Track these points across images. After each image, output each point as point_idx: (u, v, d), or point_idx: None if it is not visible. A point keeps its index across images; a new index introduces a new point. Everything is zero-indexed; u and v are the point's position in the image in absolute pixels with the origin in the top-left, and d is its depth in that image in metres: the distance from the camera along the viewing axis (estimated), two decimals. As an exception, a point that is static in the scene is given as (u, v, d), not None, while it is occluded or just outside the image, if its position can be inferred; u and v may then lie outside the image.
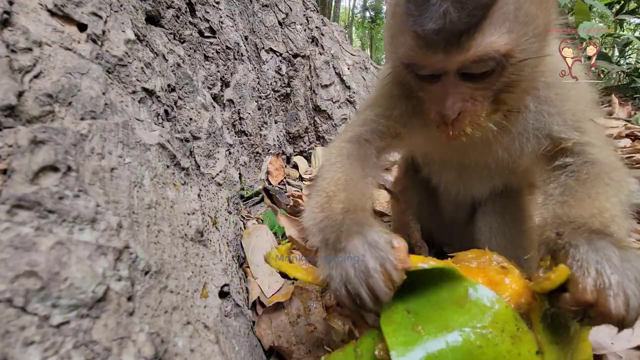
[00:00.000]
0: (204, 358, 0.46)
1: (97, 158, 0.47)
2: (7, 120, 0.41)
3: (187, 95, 0.99)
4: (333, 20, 9.31)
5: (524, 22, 0.48)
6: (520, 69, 0.51)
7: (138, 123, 0.62)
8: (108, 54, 0.63)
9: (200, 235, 0.64)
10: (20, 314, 0.32)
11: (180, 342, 0.44)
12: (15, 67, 0.44)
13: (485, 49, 0.47)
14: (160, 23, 1.03)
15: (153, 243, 0.49)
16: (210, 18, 1.35)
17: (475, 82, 0.51)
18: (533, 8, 0.48)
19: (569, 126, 0.57)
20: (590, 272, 0.38)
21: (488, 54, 0.48)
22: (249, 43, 1.63)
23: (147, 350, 0.39)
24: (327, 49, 2.04)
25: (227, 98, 1.36)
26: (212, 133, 1.03)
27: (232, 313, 0.61)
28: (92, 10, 0.62)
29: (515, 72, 0.51)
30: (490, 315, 0.40)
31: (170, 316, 0.45)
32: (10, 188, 0.36)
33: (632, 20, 5.18)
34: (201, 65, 1.25)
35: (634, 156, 1.54)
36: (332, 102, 1.89)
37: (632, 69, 3.69)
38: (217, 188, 0.95)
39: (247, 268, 0.90)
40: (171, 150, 0.66)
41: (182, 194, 0.65)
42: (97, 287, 0.37)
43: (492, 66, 0.49)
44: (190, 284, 0.54)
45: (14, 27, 0.47)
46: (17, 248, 0.34)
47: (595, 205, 0.47)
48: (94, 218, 0.41)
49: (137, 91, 0.68)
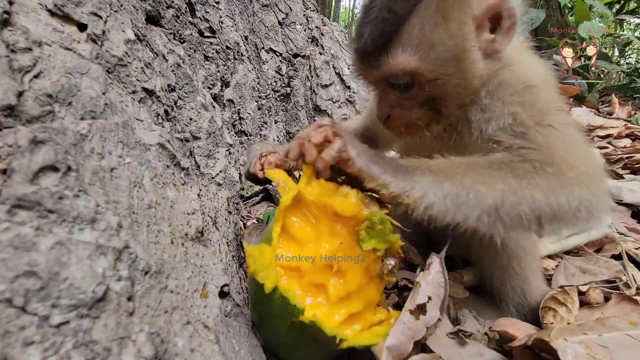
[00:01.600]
0: (204, 358, 0.46)
1: (97, 158, 0.47)
2: (7, 120, 0.41)
3: (187, 95, 0.99)
4: (333, 20, 9.31)
5: (429, 47, 0.55)
6: (438, 85, 0.58)
7: (138, 123, 0.62)
8: (108, 54, 0.63)
9: (200, 235, 0.64)
10: (20, 314, 0.32)
11: (180, 342, 0.44)
12: (15, 67, 0.44)
13: (393, 68, 0.57)
14: (160, 23, 1.03)
15: (153, 243, 0.49)
16: (210, 18, 1.35)
17: (401, 91, 0.62)
18: (439, 35, 0.55)
19: (505, 130, 0.59)
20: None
21: (396, 72, 0.58)
22: (249, 43, 1.63)
23: (147, 350, 0.39)
24: (327, 48, 2.04)
25: (227, 98, 1.36)
26: (212, 133, 1.03)
27: (232, 313, 0.61)
28: (92, 10, 0.62)
29: (435, 88, 0.59)
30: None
31: (170, 316, 0.45)
32: (10, 188, 0.36)
33: (632, 20, 5.18)
34: (201, 65, 1.25)
35: (634, 156, 1.54)
36: (332, 102, 1.89)
37: (632, 69, 3.69)
38: (217, 188, 0.95)
39: (248, 268, 0.90)
40: (171, 150, 0.66)
41: (182, 194, 0.65)
42: (97, 287, 0.37)
43: (408, 80, 0.59)
44: (190, 284, 0.54)
45: (13, 27, 0.47)
46: (17, 248, 0.34)
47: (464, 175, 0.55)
48: (93, 218, 0.41)
49: (137, 91, 0.68)
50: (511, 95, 0.59)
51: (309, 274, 0.55)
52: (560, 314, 0.69)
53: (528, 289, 0.74)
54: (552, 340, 0.56)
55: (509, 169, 0.54)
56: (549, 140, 0.56)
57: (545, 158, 0.55)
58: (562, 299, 0.71)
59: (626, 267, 0.81)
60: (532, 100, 0.58)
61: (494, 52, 0.59)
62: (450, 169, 0.55)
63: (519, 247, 0.73)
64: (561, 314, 0.69)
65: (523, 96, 0.59)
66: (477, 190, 0.52)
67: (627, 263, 0.82)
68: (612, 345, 0.55)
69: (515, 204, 0.52)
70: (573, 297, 0.71)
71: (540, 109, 0.58)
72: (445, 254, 0.95)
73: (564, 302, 0.70)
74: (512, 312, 0.75)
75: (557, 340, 0.56)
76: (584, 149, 0.59)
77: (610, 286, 0.77)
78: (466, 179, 0.53)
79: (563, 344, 0.54)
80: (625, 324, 0.60)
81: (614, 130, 1.92)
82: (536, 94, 0.59)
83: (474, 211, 0.52)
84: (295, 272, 0.56)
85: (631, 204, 1.11)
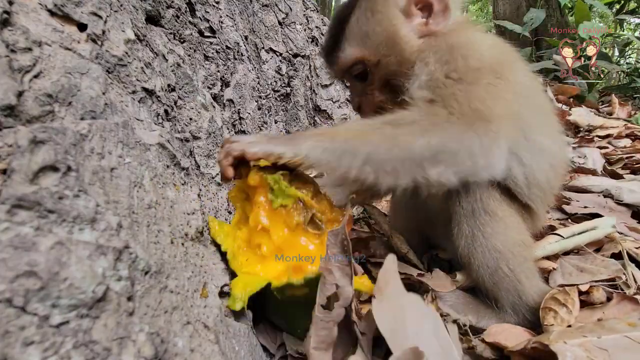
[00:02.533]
0: (204, 358, 0.46)
1: (97, 158, 0.47)
2: (6, 120, 0.41)
3: (187, 95, 0.99)
4: (333, 20, 9.27)
5: (365, 37, 0.70)
6: (383, 66, 0.71)
7: (138, 123, 0.62)
8: (108, 54, 0.63)
9: (200, 235, 0.64)
10: (20, 314, 0.32)
11: (180, 342, 0.44)
12: (15, 67, 0.44)
13: (344, 60, 0.73)
14: (160, 23, 1.03)
15: (153, 243, 0.49)
16: (210, 18, 1.35)
17: (361, 81, 0.75)
18: (371, 27, 0.69)
19: (421, 87, 0.65)
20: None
21: (348, 62, 0.73)
22: (249, 43, 1.63)
23: (147, 350, 0.39)
24: (327, 48, 2.04)
25: (227, 98, 1.36)
26: (212, 133, 1.03)
27: (232, 313, 0.61)
28: (92, 10, 0.62)
29: (381, 69, 0.71)
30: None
31: (170, 316, 0.45)
32: (10, 188, 0.36)
33: (632, 20, 5.18)
34: (201, 65, 1.25)
35: (634, 156, 1.54)
36: (332, 102, 1.89)
37: (632, 69, 3.69)
38: (217, 188, 0.95)
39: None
40: (171, 150, 0.66)
41: (182, 193, 0.65)
42: (97, 287, 0.37)
43: (362, 69, 0.73)
44: (190, 284, 0.54)
45: (13, 27, 0.47)
46: (17, 248, 0.34)
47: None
48: (93, 218, 0.41)
49: (137, 91, 0.68)
50: (434, 57, 0.66)
51: (253, 238, 0.65)
52: (560, 315, 0.68)
53: (522, 289, 0.72)
54: (552, 343, 0.55)
55: (395, 122, 0.61)
56: (460, 95, 0.61)
57: (453, 110, 0.60)
58: (563, 299, 0.70)
59: (626, 266, 0.81)
60: (452, 59, 0.64)
61: (430, 33, 0.70)
62: (338, 131, 0.64)
63: (506, 248, 0.71)
64: (561, 315, 0.68)
65: (444, 56, 0.65)
66: (354, 143, 0.60)
67: (627, 262, 0.82)
68: (611, 347, 0.55)
69: (388, 150, 0.58)
70: (573, 298, 0.71)
71: (461, 66, 0.63)
72: (442, 257, 0.94)
73: (564, 303, 0.70)
74: (509, 312, 0.74)
75: (556, 343, 0.56)
76: (508, 107, 0.63)
77: (610, 285, 0.77)
78: (348, 136, 0.61)
79: (562, 347, 0.54)
80: (624, 325, 0.60)
81: (614, 130, 1.92)
82: (458, 53, 0.64)
83: (354, 162, 0.59)
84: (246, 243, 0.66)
85: (631, 204, 1.11)
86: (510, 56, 0.74)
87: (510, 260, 0.71)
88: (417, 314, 0.58)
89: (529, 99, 0.72)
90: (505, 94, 0.64)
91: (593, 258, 0.85)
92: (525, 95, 0.70)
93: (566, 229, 0.93)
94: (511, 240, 0.72)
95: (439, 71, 0.64)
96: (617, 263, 0.81)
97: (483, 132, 0.59)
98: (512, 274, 0.71)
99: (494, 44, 0.73)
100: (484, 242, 0.71)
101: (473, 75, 0.63)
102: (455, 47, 0.65)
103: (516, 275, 0.72)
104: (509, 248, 0.71)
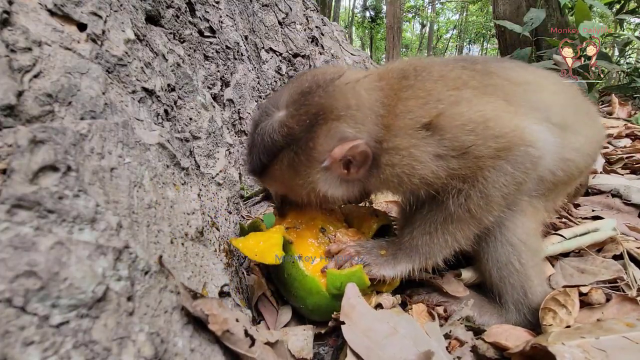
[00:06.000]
0: (204, 358, 0.46)
1: (97, 158, 0.47)
2: (6, 120, 0.41)
3: (187, 95, 0.99)
4: (333, 20, 9.30)
5: (288, 186, 0.77)
6: (307, 202, 0.78)
7: (138, 123, 0.62)
8: (108, 54, 0.63)
9: (200, 235, 0.64)
10: (20, 314, 0.32)
11: (180, 342, 0.44)
12: (15, 67, 0.44)
13: (269, 188, 0.90)
14: (160, 23, 1.03)
15: (153, 243, 0.49)
16: (210, 18, 1.35)
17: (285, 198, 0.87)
18: (293, 182, 0.74)
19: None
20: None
21: (271, 190, 0.89)
22: (249, 43, 1.63)
23: (147, 350, 0.39)
24: (327, 48, 2.04)
25: (227, 98, 1.36)
26: (212, 133, 1.03)
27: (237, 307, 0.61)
28: (92, 10, 0.62)
29: (304, 201, 0.79)
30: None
31: (170, 316, 0.45)
32: (10, 188, 0.36)
33: (632, 20, 5.18)
34: (201, 65, 1.25)
35: (634, 156, 1.54)
36: (332, 102, 1.89)
37: (632, 69, 3.69)
38: (217, 188, 0.95)
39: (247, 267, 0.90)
40: (171, 150, 0.66)
41: (182, 193, 0.65)
42: (96, 287, 0.37)
43: (285, 196, 0.84)
44: (190, 284, 0.53)
45: (13, 27, 0.47)
46: (17, 248, 0.34)
47: None
48: (93, 218, 0.41)
49: (137, 91, 0.68)
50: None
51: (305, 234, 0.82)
52: (559, 316, 0.68)
53: (529, 287, 0.72)
54: (550, 344, 0.56)
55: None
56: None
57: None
58: (563, 300, 0.70)
59: (627, 267, 0.81)
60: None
61: (353, 179, 0.75)
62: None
63: (520, 241, 0.71)
64: (561, 315, 0.68)
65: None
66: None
67: (628, 263, 0.82)
68: (609, 348, 0.55)
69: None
70: (573, 299, 0.71)
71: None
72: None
73: (564, 304, 0.70)
74: (511, 309, 0.74)
75: (555, 344, 0.56)
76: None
77: (611, 286, 0.77)
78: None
79: (561, 348, 0.54)
80: (622, 326, 0.60)
81: (614, 130, 1.91)
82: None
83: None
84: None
85: (639, 205, 1.10)
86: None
87: (522, 254, 0.72)
88: (389, 326, 0.61)
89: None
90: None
91: (593, 259, 0.85)
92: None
93: (568, 230, 0.93)
94: (524, 231, 0.73)
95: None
96: (617, 264, 0.81)
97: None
98: (522, 270, 0.72)
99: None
100: (499, 236, 0.72)
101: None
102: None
103: (526, 272, 0.72)
104: (523, 240, 0.72)
